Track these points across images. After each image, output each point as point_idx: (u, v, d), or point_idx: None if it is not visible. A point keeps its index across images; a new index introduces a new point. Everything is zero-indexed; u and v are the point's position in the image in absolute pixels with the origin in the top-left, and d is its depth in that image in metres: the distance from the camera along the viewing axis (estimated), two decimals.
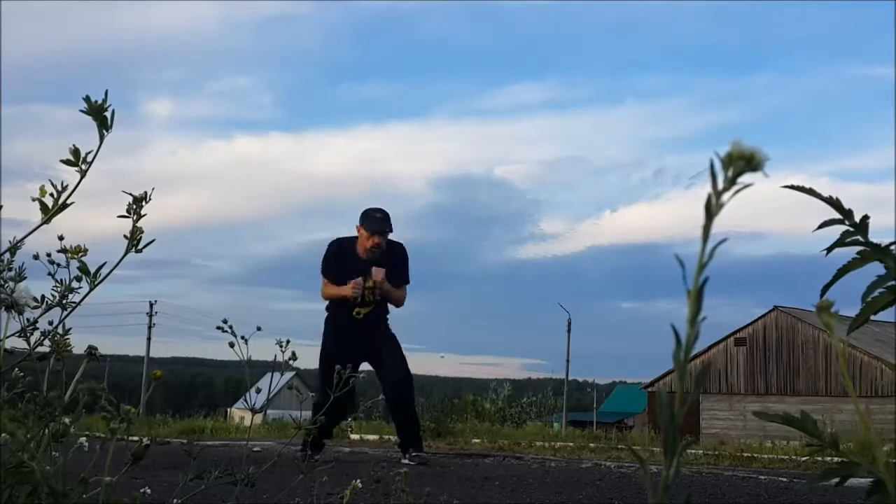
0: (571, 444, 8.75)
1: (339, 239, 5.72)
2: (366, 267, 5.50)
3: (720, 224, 0.66)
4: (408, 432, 5.48)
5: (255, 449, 5.99)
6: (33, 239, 1.41)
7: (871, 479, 0.90)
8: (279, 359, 1.85)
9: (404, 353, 5.66)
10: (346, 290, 5.50)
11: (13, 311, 1.36)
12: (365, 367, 5.49)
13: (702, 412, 31.09)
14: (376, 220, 5.55)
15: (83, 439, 1.41)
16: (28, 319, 1.39)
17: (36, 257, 1.44)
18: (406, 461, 5.18)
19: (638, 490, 3.76)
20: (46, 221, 1.35)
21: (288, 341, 1.87)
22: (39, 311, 1.41)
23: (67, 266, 1.43)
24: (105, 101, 1.34)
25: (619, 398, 53.73)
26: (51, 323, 1.41)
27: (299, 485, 2.12)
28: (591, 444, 8.50)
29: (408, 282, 5.72)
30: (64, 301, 1.43)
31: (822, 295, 1.06)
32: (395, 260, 5.64)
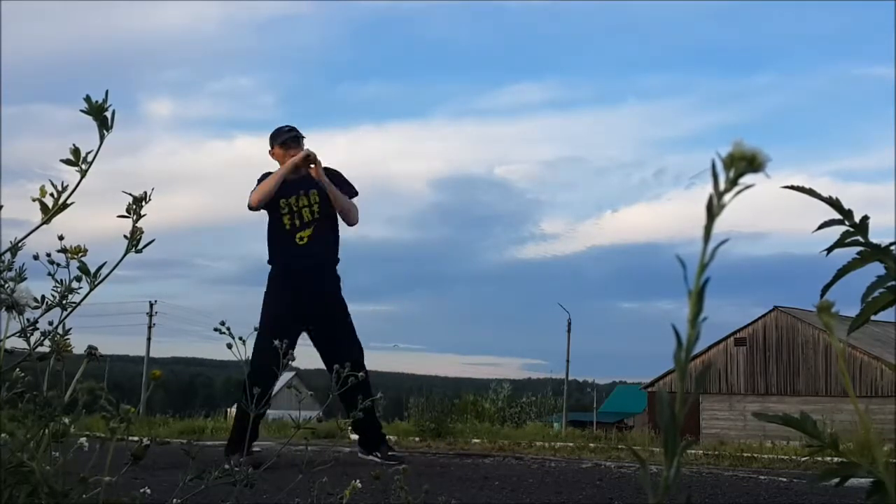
0: (571, 444, 8.74)
1: (268, 173, 5.03)
2: (300, 186, 4.91)
3: (721, 224, 0.66)
4: (373, 428, 4.94)
5: (254, 449, 5.98)
6: (33, 239, 1.41)
7: (871, 480, 0.90)
8: None
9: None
10: (294, 157, 4.81)
11: (13, 312, 1.36)
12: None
13: (702, 412, 31.08)
14: (283, 131, 5.03)
15: (83, 439, 1.41)
16: (28, 319, 1.39)
17: (36, 257, 1.44)
18: (378, 460, 4.76)
19: (638, 490, 3.76)
20: (46, 222, 1.35)
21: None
22: (40, 311, 1.41)
23: (67, 266, 1.43)
24: (105, 101, 1.34)
25: (619, 398, 53.71)
26: (51, 323, 1.41)
27: (299, 485, 2.12)
28: (591, 445, 8.49)
29: (356, 193, 5.11)
30: (64, 301, 1.43)
31: (822, 295, 1.06)
32: (334, 179, 4.98)
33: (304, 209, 4.90)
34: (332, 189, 4.92)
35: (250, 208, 4.97)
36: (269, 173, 5.02)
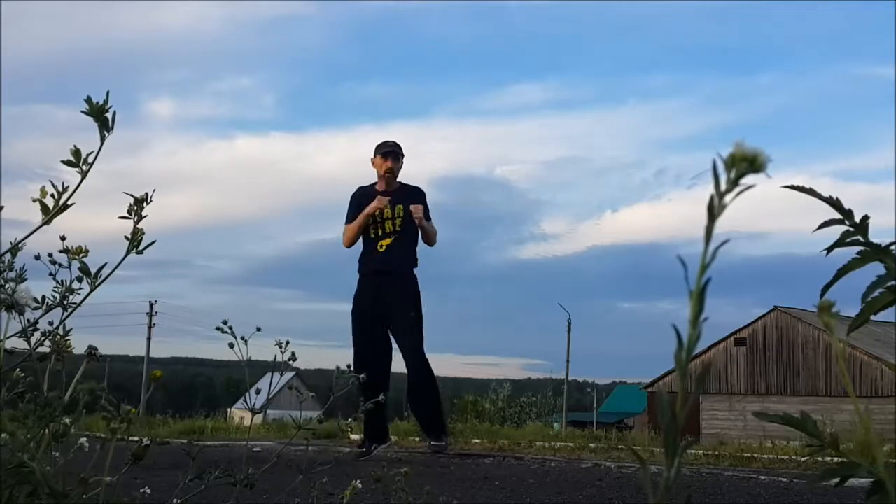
0: (571, 444, 8.73)
1: (360, 186, 5.70)
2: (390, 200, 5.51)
3: (722, 224, 0.66)
4: (423, 417, 5.62)
5: (255, 449, 5.98)
6: (34, 239, 1.41)
7: (871, 480, 0.90)
8: (279, 359, 1.85)
9: (422, 329, 5.56)
10: (370, 206, 5.41)
11: (14, 312, 1.36)
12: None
13: (702, 412, 31.08)
14: (387, 144, 5.63)
15: (83, 439, 1.41)
16: (29, 320, 1.39)
17: (37, 258, 1.44)
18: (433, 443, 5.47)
19: (638, 490, 3.76)
20: (47, 222, 1.35)
21: (287, 342, 1.88)
22: (40, 311, 1.41)
23: (69, 267, 1.43)
24: (106, 102, 1.34)
25: (619, 398, 53.74)
26: (51, 323, 1.41)
27: (299, 485, 2.12)
28: (591, 445, 8.47)
29: (429, 219, 5.67)
30: (65, 302, 1.43)
31: (822, 295, 1.06)
32: (415, 198, 5.59)
33: (388, 221, 5.49)
34: (424, 226, 5.53)
35: (347, 247, 5.58)
36: (362, 187, 5.68)
